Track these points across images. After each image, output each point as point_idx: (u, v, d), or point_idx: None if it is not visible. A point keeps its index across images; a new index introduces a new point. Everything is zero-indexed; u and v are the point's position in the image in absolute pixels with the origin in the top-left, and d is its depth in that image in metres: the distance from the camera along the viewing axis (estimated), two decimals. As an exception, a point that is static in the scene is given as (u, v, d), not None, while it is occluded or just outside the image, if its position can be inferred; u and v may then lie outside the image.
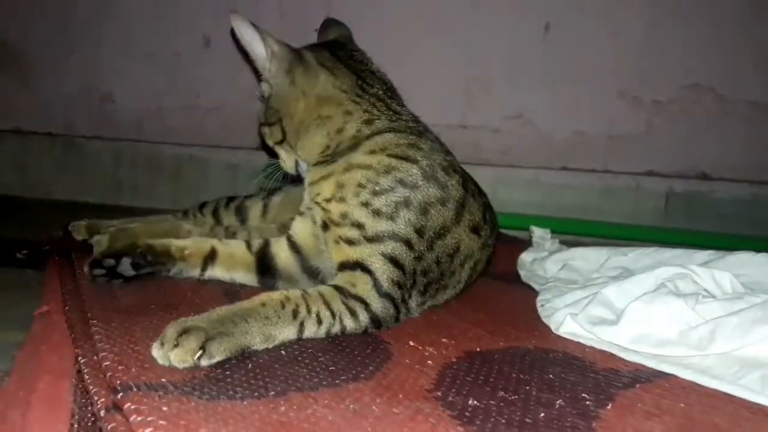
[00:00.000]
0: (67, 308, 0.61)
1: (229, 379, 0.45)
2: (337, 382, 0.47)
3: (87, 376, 0.45)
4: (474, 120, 1.37)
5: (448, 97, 1.40)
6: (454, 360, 0.54)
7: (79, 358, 0.49)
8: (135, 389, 0.40)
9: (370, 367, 0.51)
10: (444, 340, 0.60)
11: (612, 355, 0.58)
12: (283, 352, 0.53)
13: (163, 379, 0.43)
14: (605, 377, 0.52)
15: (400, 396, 0.45)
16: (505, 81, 1.36)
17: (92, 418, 0.42)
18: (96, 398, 0.41)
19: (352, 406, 0.42)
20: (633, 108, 1.33)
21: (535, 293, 0.77)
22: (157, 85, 1.46)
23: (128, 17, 1.46)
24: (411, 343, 0.58)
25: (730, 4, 1.29)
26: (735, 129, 1.31)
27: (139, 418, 0.35)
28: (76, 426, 0.41)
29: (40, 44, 1.47)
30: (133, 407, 0.37)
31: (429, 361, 0.54)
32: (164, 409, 0.37)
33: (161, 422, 0.34)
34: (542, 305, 0.71)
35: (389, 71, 1.41)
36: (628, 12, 1.32)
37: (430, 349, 0.57)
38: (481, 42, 1.37)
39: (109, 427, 0.36)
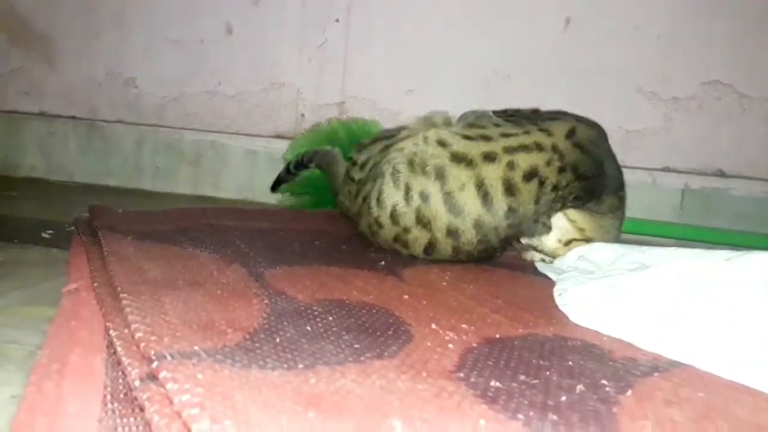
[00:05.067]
0: (96, 284, 0.62)
1: (258, 351, 0.46)
2: (362, 359, 0.48)
3: (120, 348, 0.46)
4: (493, 113, 1.37)
5: (469, 88, 1.41)
6: (474, 345, 0.55)
7: (111, 331, 0.50)
8: (169, 358, 0.41)
9: (393, 347, 0.52)
10: (464, 325, 0.61)
11: (630, 344, 0.58)
12: (308, 327, 0.54)
13: (196, 347, 0.44)
14: (624, 365, 0.53)
15: (424, 374, 0.46)
16: (524, 74, 1.36)
17: (124, 390, 0.42)
18: (130, 369, 0.42)
19: (378, 381, 0.43)
20: (651, 103, 1.33)
21: (551, 282, 0.78)
22: (180, 72, 1.48)
23: (153, 3, 1.48)
24: (433, 326, 0.59)
25: (749, 3, 1.28)
26: (753, 127, 1.31)
27: (175, 386, 0.36)
28: (109, 397, 0.42)
29: (66, 28, 1.50)
30: (169, 375, 0.38)
31: (450, 345, 0.55)
32: (199, 376, 0.38)
33: (198, 389, 0.36)
34: (560, 294, 0.71)
35: (413, 62, 1.44)
36: (649, 8, 1.32)
37: (451, 334, 0.58)
38: (502, 35, 1.38)
39: (144, 397, 0.37)
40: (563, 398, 0.44)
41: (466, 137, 0.85)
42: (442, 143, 0.86)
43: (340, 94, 1.44)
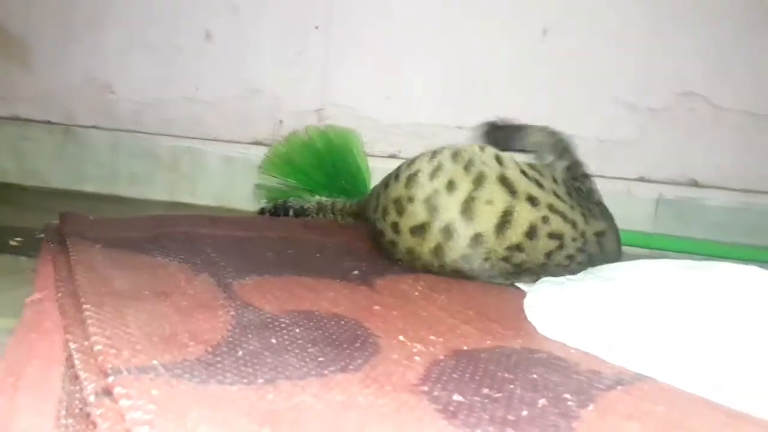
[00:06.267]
0: (60, 294, 0.61)
1: (219, 365, 0.46)
2: (325, 372, 0.48)
3: (78, 362, 0.45)
4: (470, 121, 1.37)
5: (447, 97, 1.41)
6: (441, 358, 0.55)
7: (70, 343, 0.49)
8: (125, 372, 0.40)
9: (359, 360, 0.52)
10: (432, 337, 0.61)
11: (595, 357, 0.59)
12: (274, 340, 0.53)
13: (155, 361, 0.44)
14: (588, 378, 0.53)
15: (387, 388, 0.46)
16: (502, 83, 1.37)
17: (81, 405, 0.42)
18: (86, 383, 0.41)
19: (339, 396, 0.43)
20: (627, 114, 1.34)
21: (523, 293, 0.78)
22: (158, 77, 1.47)
23: (131, 8, 1.46)
24: (400, 338, 0.59)
25: (726, 16, 1.30)
26: (727, 137, 1.32)
27: (129, 402, 0.36)
28: (63, 413, 0.41)
29: (42, 32, 1.48)
30: (123, 391, 0.37)
31: (417, 357, 0.55)
32: (154, 392, 0.38)
33: (150, 406, 0.35)
34: (530, 305, 0.72)
35: (392, 70, 1.44)
36: (626, 19, 1.33)
37: (419, 346, 0.58)
38: (481, 44, 1.38)
39: (98, 413, 0.37)
40: (524, 413, 0.44)
41: (523, 172, 0.85)
42: (498, 160, 0.85)
43: (319, 101, 1.44)
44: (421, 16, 1.40)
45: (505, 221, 0.81)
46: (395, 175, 0.91)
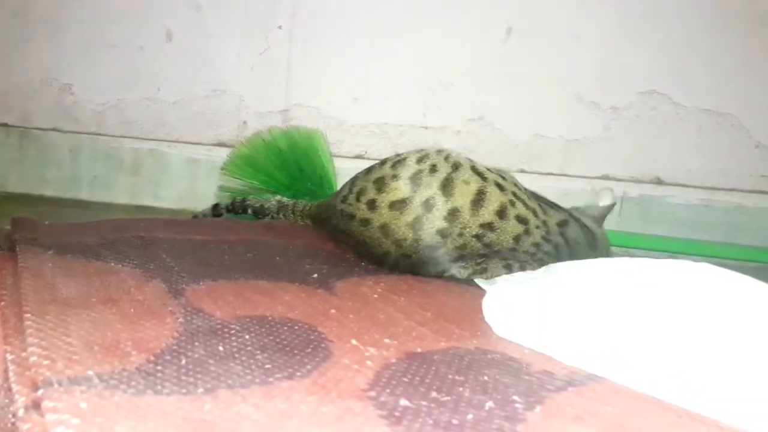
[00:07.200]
0: (2, 303, 0.59)
1: (159, 374, 0.44)
2: (270, 380, 0.47)
3: (12, 374, 0.44)
4: (436, 121, 1.38)
5: (412, 98, 1.41)
6: (393, 361, 0.55)
7: (8, 354, 0.48)
8: (56, 385, 0.39)
9: (308, 366, 0.51)
10: (386, 340, 0.60)
11: (550, 358, 0.58)
12: (221, 347, 0.52)
13: (90, 372, 0.42)
14: (539, 379, 0.52)
15: (333, 395, 0.45)
16: (467, 83, 1.37)
17: (12, 419, 0.40)
18: (17, 397, 0.40)
19: (280, 405, 0.42)
20: (591, 113, 1.35)
21: (483, 292, 0.78)
22: (118, 78, 1.44)
23: (90, 7, 1.44)
24: (353, 342, 0.58)
25: (686, 16, 1.32)
26: (689, 135, 1.34)
27: (54, 416, 0.35)
28: (-5, 428, 0.40)
29: (-3, 31, 1.45)
30: (50, 405, 0.36)
31: (368, 362, 0.54)
32: (82, 405, 0.36)
33: (74, 420, 0.34)
34: (487, 305, 0.71)
35: (358, 70, 1.43)
36: (589, 19, 1.34)
37: (372, 350, 0.57)
38: (446, 45, 1.38)
39: (25, 428, 0.35)
40: (470, 416, 0.44)
41: (488, 169, 0.92)
42: (467, 158, 0.92)
43: (284, 102, 1.43)
44: (386, 16, 1.39)
45: (479, 199, 0.85)
46: (381, 162, 0.94)
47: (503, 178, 0.91)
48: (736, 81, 1.33)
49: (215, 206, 1.15)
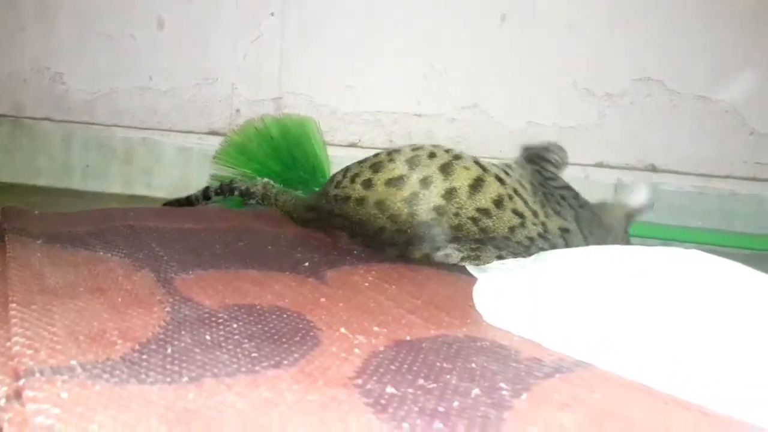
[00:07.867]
0: (-11, 293, 0.59)
1: (144, 363, 0.44)
2: (256, 369, 0.46)
3: (-4, 363, 0.44)
4: (430, 109, 1.37)
5: (406, 85, 1.40)
6: (381, 349, 0.54)
7: (-7, 344, 0.48)
8: (38, 375, 0.39)
9: (295, 354, 0.51)
10: (375, 328, 0.60)
11: (538, 345, 0.58)
12: (208, 336, 0.52)
13: (73, 362, 0.42)
14: (527, 366, 0.52)
15: (320, 383, 0.45)
16: (461, 70, 1.36)
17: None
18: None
19: (265, 393, 0.42)
20: (585, 100, 1.34)
21: (474, 280, 0.78)
22: (110, 67, 1.43)
23: (82, -5, 1.43)
24: (342, 330, 0.58)
25: (680, 3, 1.31)
26: (683, 122, 1.33)
27: (34, 406, 0.34)
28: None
29: (-13, 20, 1.43)
30: (31, 394, 0.36)
31: (356, 350, 0.54)
32: (63, 395, 0.36)
33: (54, 410, 0.34)
34: (478, 293, 0.71)
35: (351, 58, 1.42)
36: (583, 5, 1.33)
37: (360, 338, 0.57)
38: (439, 31, 1.37)
39: (6, 418, 0.35)
40: (456, 403, 0.43)
41: (495, 165, 0.91)
42: (471, 156, 0.91)
43: (276, 90, 1.42)
44: (380, 3, 1.38)
45: (477, 185, 0.85)
46: (375, 154, 0.93)
47: (507, 174, 0.90)
48: (731, 68, 1.32)
49: (206, 189, 1.15)
